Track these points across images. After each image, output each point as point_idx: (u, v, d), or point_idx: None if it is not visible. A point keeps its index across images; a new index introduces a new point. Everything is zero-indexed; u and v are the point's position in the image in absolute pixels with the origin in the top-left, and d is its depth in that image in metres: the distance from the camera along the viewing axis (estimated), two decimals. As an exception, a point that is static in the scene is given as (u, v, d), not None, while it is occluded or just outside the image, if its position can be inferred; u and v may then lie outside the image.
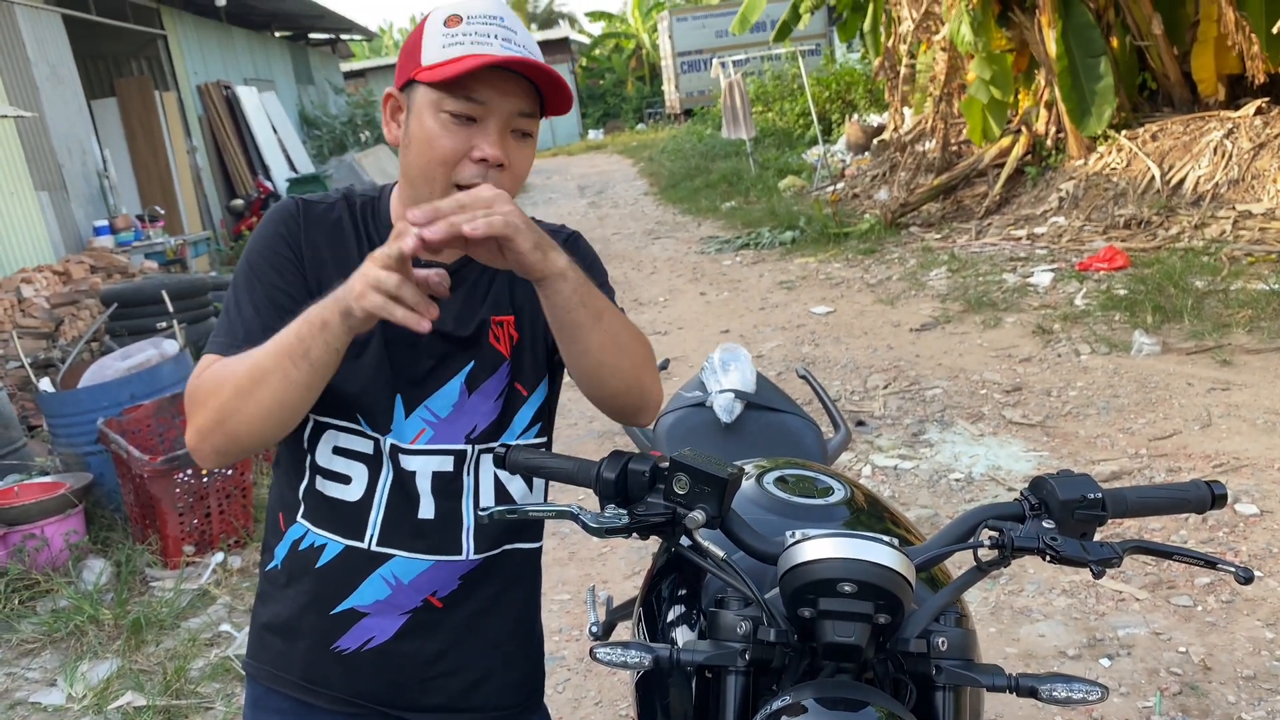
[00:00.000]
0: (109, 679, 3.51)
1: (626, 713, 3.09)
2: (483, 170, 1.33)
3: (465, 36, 1.31)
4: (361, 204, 1.47)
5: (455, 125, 1.32)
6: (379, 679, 1.49)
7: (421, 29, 1.35)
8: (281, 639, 1.51)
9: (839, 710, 1.13)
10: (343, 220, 1.45)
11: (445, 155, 1.32)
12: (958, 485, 4.35)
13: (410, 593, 1.45)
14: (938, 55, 10.39)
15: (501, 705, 1.57)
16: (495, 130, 1.33)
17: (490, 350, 1.46)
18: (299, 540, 1.47)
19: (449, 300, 1.37)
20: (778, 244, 10.28)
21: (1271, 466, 4.07)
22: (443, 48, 1.31)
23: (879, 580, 1.16)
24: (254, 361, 1.25)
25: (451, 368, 1.44)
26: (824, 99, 17.04)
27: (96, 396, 4.59)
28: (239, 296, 1.39)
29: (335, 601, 1.46)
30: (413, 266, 1.25)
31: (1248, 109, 8.22)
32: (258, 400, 1.25)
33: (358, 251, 1.42)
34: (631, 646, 1.25)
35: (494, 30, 1.32)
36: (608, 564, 4.02)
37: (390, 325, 1.29)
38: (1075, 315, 6.38)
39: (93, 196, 10.38)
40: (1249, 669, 2.93)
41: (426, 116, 1.33)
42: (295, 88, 18.98)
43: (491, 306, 1.47)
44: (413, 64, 1.35)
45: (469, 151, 1.32)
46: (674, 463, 1.26)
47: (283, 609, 1.50)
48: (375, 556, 1.44)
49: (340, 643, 1.47)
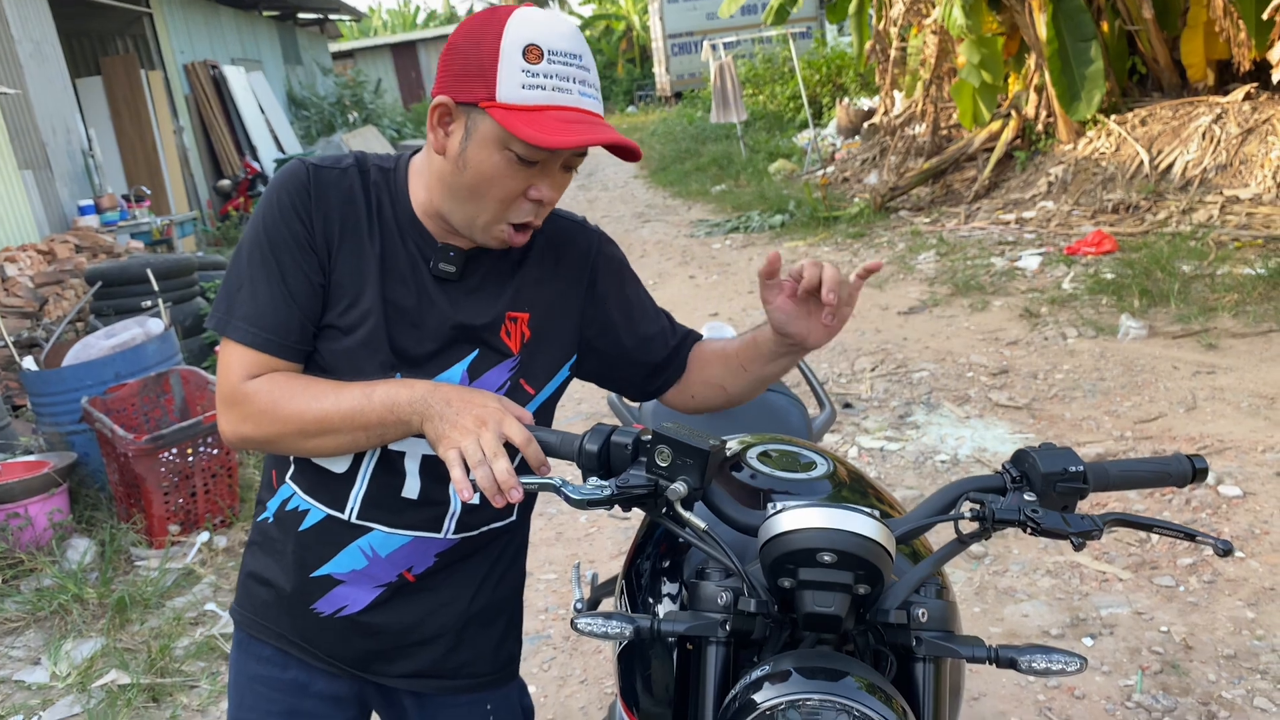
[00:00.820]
0: (93, 657, 3.50)
1: (611, 690, 3.10)
2: (535, 209, 1.36)
3: (546, 79, 1.26)
4: (375, 176, 1.43)
5: (520, 167, 1.30)
6: (352, 645, 1.52)
7: (496, 42, 1.26)
8: (265, 590, 1.53)
9: (819, 679, 1.13)
10: (354, 191, 1.41)
11: (505, 195, 1.33)
12: (944, 467, 4.36)
13: (386, 566, 1.47)
14: (928, 39, 10.36)
15: (476, 674, 1.59)
16: (554, 173, 1.34)
17: (499, 343, 1.45)
18: (287, 500, 1.49)
19: (464, 287, 1.43)
20: (767, 227, 10.27)
21: (1255, 449, 4.10)
22: (522, 87, 1.26)
23: (859, 550, 1.16)
24: (323, 415, 1.31)
25: (454, 354, 1.43)
26: (814, 82, 17.00)
27: (81, 375, 4.57)
28: (255, 275, 1.36)
29: (314, 566, 1.47)
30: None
31: (1236, 94, 8.23)
32: (316, 444, 1.35)
33: (368, 228, 1.40)
34: (613, 617, 1.25)
35: (573, 72, 1.28)
36: (594, 543, 4.02)
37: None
38: (1063, 299, 6.39)
39: (77, 175, 10.30)
40: (1230, 648, 2.95)
41: (491, 150, 1.30)
42: (283, 68, 18.84)
43: (510, 301, 1.46)
44: (482, 87, 1.27)
45: (527, 191, 1.33)
46: (656, 435, 1.25)
47: (268, 562, 1.52)
48: (355, 528, 1.45)
49: (317, 605, 1.50)
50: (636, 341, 1.57)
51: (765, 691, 1.14)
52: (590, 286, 1.54)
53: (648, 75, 32.90)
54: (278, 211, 1.37)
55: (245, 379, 1.36)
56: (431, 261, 1.41)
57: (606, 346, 1.56)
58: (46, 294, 7.09)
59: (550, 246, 1.51)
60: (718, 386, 1.58)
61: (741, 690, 1.17)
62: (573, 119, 1.26)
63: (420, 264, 1.41)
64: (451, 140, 1.32)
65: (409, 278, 1.40)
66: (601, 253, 1.55)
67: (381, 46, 30.30)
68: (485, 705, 1.62)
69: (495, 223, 1.35)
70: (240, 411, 1.36)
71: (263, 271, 1.35)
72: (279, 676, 1.55)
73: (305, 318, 1.37)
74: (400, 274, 1.40)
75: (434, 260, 1.41)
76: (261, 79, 16.27)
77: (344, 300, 1.38)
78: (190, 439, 4.24)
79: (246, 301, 1.36)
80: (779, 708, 1.12)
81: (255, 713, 1.56)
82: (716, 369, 1.57)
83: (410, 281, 1.40)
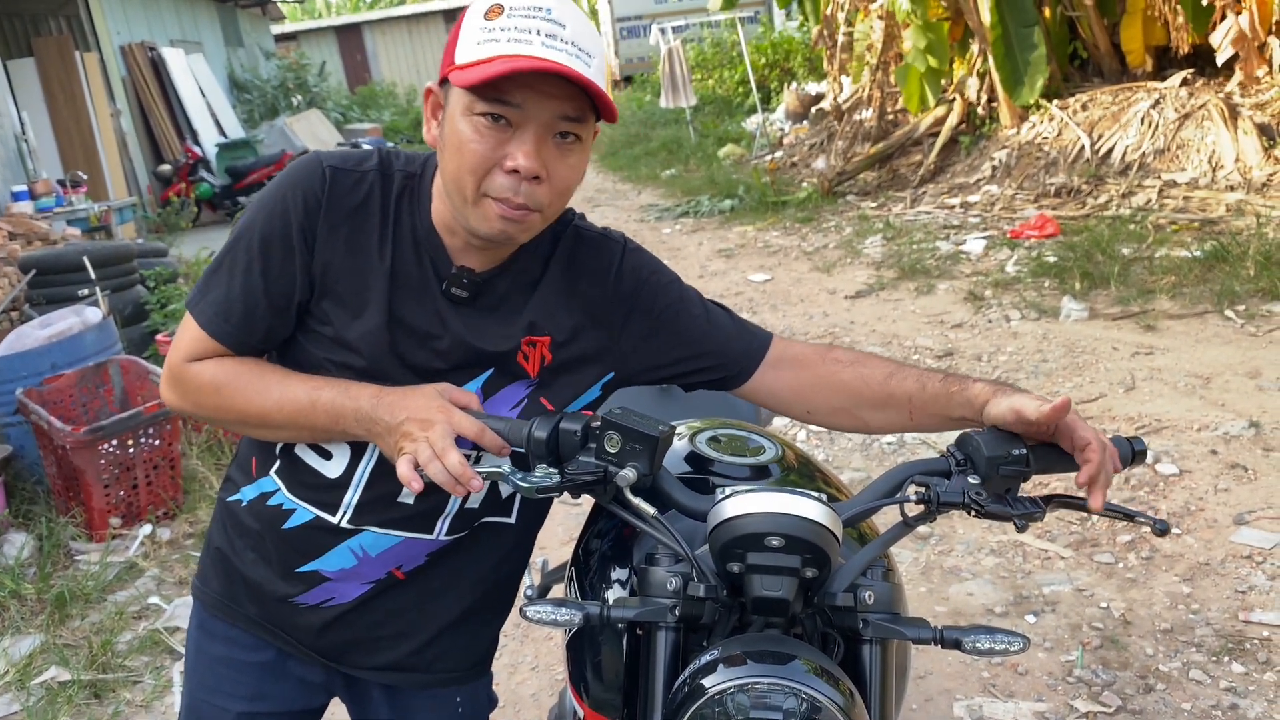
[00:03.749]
0: (32, 654, 3.42)
1: (562, 677, 3.10)
2: (515, 183, 1.22)
3: (503, 32, 1.18)
4: (400, 185, 1.35)
5: (489, 129, 1.20)
6: (329, 636, 1.49)
7: (462, 18, 1.24)
8: (237, 574, 1.49)
9: (767, 663, 1.14)
10: (372, 199, 1.33)
11: (475, 163, 1.22)
12: (890, 449, 4.41)
13: (376, 565, 1.43)
14: (875, 24, 10.44)
15: (451, 669, 1.56)
16: (532, 138, 1.21)
17: (516, 367, 1.38)
18: (269, 494, 1.44)
19: (479, 310, 1.36)
20: (717, 212, 10.30)
21: (1191, 428, 4.20)
22: (478, 44, 1.19)
23: (806, 534, 1.17)
24: (264, 412, 1.30)
25: (467, 374, 1.37)
26: (762, 67, 17.04)
27: (15, 366, 4.44)
28: (238, 264, 1.31)
29: (298, 563, 1.44)
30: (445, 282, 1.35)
31: (1174, 80, 8.40)
32: (256, 431, 1.36)
33: (379, 241, 1.32)
34: (563, 605, 1.24)
35: (537, 24, 1.18)
36: (545, 530, 3.99)
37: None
38: (1006, 282, 6.49)
39: (10, 160, 10.01)
40: (1166, 622, 3.03)
41: (459, 119, 1.22)
42: (224, 50, 18.45)
43: (527, 325, 1.38)
44: (448, 60, 1.23)
45: (501, 160, 1.21)
46: (605, 421, 1.25)
47: (242, 548, 1.48)
48: (345, 531, 1.41)
49: (300, 598, 1.46)
50: (683, 348, 1.45)
51: (714, 676, 1.14)
52: (616, 302, 1.42)
53: (596, 59, 32.69)
54: (280, 210, 1.30)
55: (193, 360, 1.34)
56: (444, 283, 1.34)
57: (647, 358, 1.45)
58: (-22, 282, 6.89)
59: (571, 263, 1.41)
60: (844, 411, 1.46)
61: (690, 675, 1.18)
62: (521, 63, 1.15)
63: (433, 282, 1.34)
64: (438, 130, 1.28)
65: (421, 296, 1.34)
66: (625, 264, 1.43)
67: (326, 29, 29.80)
68: (455, 699, 1.60)
69: (476, 201, 1.24)
70: (181, 389, 1.36)
71: (247, 264, 1.31)
72: (247, 659, 1.50)
73: (274, 323, 1.34)
74: (411, 291, 1.33)
75: (446, 282, 1.34)
76: (202, 61, 15.93)
77: (344, 314, 1.33)
78: (131, 430, 4.15)
79: (222, 286, 1.32)
80: (728, 692, 1.13)
81: (219, 695, 1.51)
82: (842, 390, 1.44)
83: (422, 300, 1.34)
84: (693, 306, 1.47)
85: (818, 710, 1.12)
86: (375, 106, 22.00)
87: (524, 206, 1.24)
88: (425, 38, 30.15)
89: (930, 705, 2.78)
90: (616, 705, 1.42)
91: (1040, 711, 2.72)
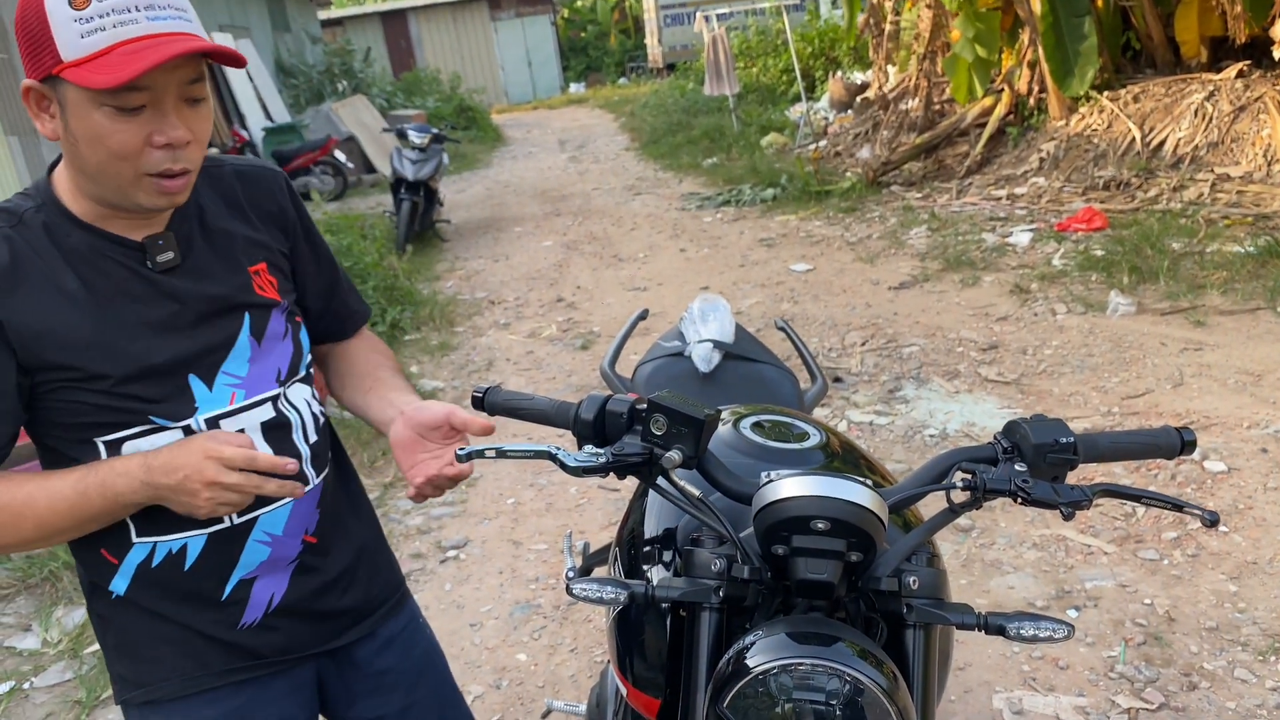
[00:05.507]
0: (84, 624, 3.51)
1: (601, 659, 3.13)
2: (170, 154, 1.25)
3: (103, 19, 1.16)
4: (28, 217, 1.30)
5: (124, 117, 1.21)
6: (293, 632, 1.49)
7: (39, 6, 1.18)
8: (173, 649, 1.43)
9: (811, 645, 1.15)
10: (24, 257, 1.28)
11: (123, 151, 1.22)
12: (932, 441, 4.39)
13: (287, 541, 1.44)
14: (922, 12, 10.32)
15: (395, 584, 1.67)
16: (170, 111, 1.23)
17: (260, 299, 1.43)
18: (147, 559, 1.38)
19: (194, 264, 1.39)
20: (759, 201, 10.25)
21: (1240, 425, 4.13)
22: (81, 37, 1.16)
23: (852, 518, 1.18)
24: (40, 523, 1.26)
25: (228, 331, 1.39)
26: (807, 56, 16.91)
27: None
28: None
29: (220, 586, 1.41)
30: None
31: (1229, 72, 8.23)
32: (48, 543, 1.32)
33: (49, 274, 1.28)
34: (608, 583, 1.26)
35: (133, 1, 1.18)
36: (584, 514, 4.04)
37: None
38: (1053, 275, 6.41)
39: (64, 142, 10.21)
40: (1212, 620, 2.99)
41: (88, 113, 1.20)
42: (271, 36, 18.64)
43: (246, 257, 1.44)
44: (49, 55, 1.18)
45: (149, 139, 1.23)
46: (651, 404, 1.26)
47: (159, 625, 1.42)
48: (241, 527, 1.40)
49: (243, 620, 1.44)
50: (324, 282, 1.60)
51: (758, 657, 1.15)
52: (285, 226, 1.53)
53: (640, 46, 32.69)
54: None
55: None
56: (148, 260, 1.33)
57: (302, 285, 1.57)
58: (34, 262, 7.04)
59: (242, 193, 1.48)
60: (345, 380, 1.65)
61: (734, 655, 1.19)
62: (142, 47, 1.17)
63: (138, 267, 1.33)
64: (55, 122, 1.24)
65: (136, 289, 1.33)
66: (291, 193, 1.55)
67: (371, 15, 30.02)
68: (414, 613, 1.70)
69: (136, 182, 1.25)
70: None
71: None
72: (237, 706, 1.46)
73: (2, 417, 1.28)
74: (124, 291, 1.32)
75: (148, 258, 1.33)
76: (249, 46, 16.11)
77: (86, 346, 1.29)
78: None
79: None
80: (771, 672, 1.14)
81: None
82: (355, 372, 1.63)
83: (139, 291, 1.33)
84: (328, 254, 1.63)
85: (860, 692, 1.12)
86: (419, 93, 22.10)
87: (184, 171, 1.28)
88: (470, 24, 30.26)
89: (969, 697, 2.77)
90: (659, 684, 1.44)
91: (1081, 706, 2.70)
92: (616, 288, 7.65)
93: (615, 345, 2.53)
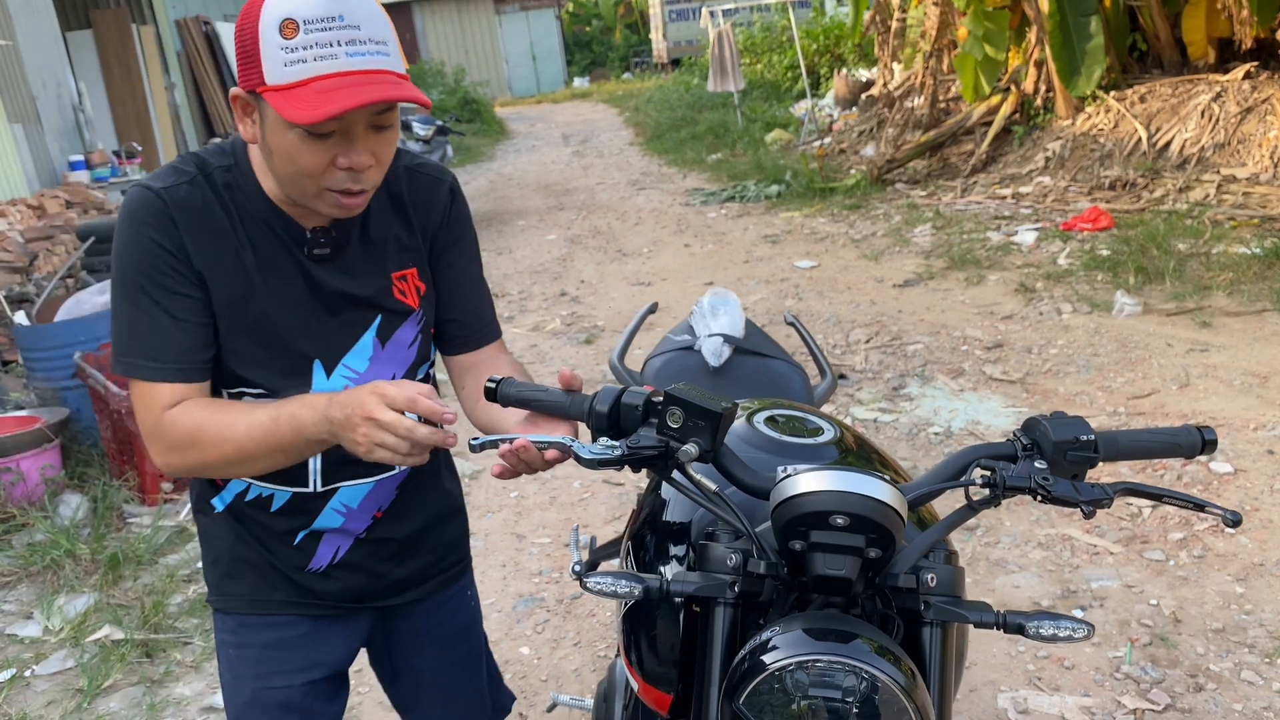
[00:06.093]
0: (86, 612, 3.50)
1: (604, 654, 3.12)
2: (351, 176, 1.33)
3: (306, 50, 1.23)
4: (222, 178, 1.41)
5: (314, 141, 1.29)
6: (352, 584, 1.61)
7: (255, 24, 1.25)
8: (251, 571, 1.58)
9: (829, 641, 1.13)
10: (210, 202, 1.40)
11: (308, 170, 1.31)
12: (937, 439, 4.38)
13: (360, 515, 1.56)
14: (929, 10, 10.28)
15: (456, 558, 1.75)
16: (357, 139, 1.31)
17: (397, 304, 1.51)
18: (243, 492, 1.53)
19: (345, 260, 1.47)
20: (763, 197, 10.23)
21: (1246, 426, 4.12)
22: (284, 65, 1.24)
23: (872, 514, 1.16)
24: (239, 446, 1.34)
25: (358, 326, 1.49)
26: (812, 52, 16.87)
27: (74, 330, 4.53)
28: (139, 314, 1.37)
29: (294, 534, 1.55)
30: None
31: (1236, 73, 8.21)
32: (242, 469, 1.41)
33: (234, 233, 1.40)
34: (622, 577, 1.25)
35: (334, 35, 1.24)
36: (588, 508, 4.03)
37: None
38: (1058, 274, 6.40)
39: (68, 131, 10.18)
40: (1218, 622, 2.98)
41: (282, 133, 1.29)
42: (276, 26, 18.60)
43: (394, 262, 1.51)
44: (255, 73, 1.27)
45: (334, 160, 1.31)
46: (668, 396, 1.25)
47: (242, 548, 1.57)
48: (323, 495, 1.53)
49: (310, 565, 1.57)
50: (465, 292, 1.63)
51: (775, 653, 1.14)
52: (439, 233, 1.57)
53: (645, 42, 32.61)
54: (144, 245, 1.36)
55: (161, 413, 1.38)
56: (305, 248, 1.44)
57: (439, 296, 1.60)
58: (36, 249, 7.02)
59: (408, 193, 1.53)
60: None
61: (750, 652, 1.17)
62: (336, 85, 1.23)
63: (295, 251, 1.44)
64: (255, 129, 1.34)
65: (290, 268, 1.43)
66: (455, 208, 1.59)
67: (377, 6, 30.02)
68: (467, 592, 1.79)
69: (318, 195, 1.34)
70: (163, 444, 1.39)
71: (147, 308, 1.37)
72: (293, 635, 1.61)
73: (199, 336, 1.40)
74: (280, 267, 1.43)
75: (307, 246, 1.44)
76: (254, 36, 16.06)
77: (234, 307, 1.41)
78: (184, 397, 4.22)
79: (140, 340, 1.37)
80: (787, 669, 1.13)
81: (277, 676, 1.60)
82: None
83: (292, 271, 1.44)
84: (479, 267, 1.67)
85: (877, 689, 1.11)
86: (424, 85, 22.05)
87: (362, 190, 1.36)
88: (474, 17, 30.21)
89: (974, 696, 2.76)
90: (671, 679, 1.42)
91: (1086, 706, 2.69)
92: (621, 282, 7.64)
93: (624, 339, 2.52)
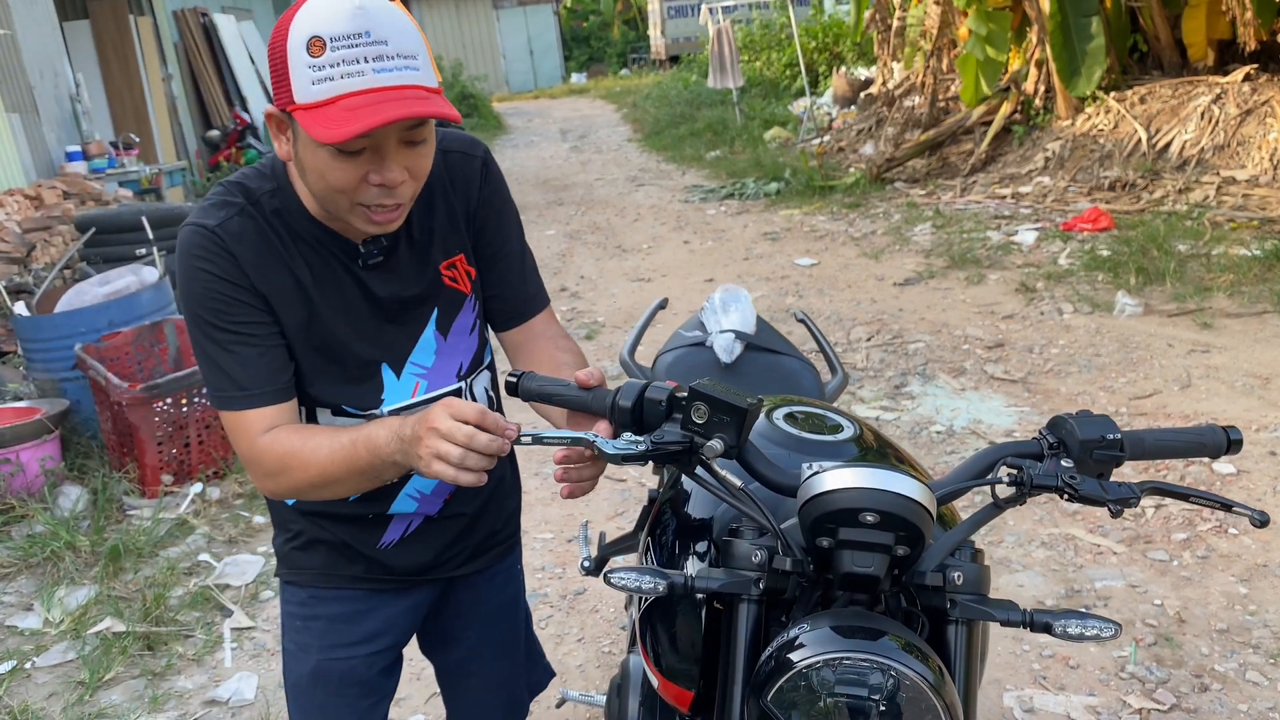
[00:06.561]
0: (86, 605, 3.48)
1: (609, 649, 3.11)
2: (385, 191, 1.33)
3: (334, 69, 1.23)
4: (269, 204, 1.43)
5: (345, 158, 1.29)
6: (421, 557, 1.66)
7: (284, 43, 1.25)
8: (324, 549, 1.63)
9: (857, 639, 1.13)
10: (263, 230, 1.41)
11: (340, 187, 1.32)
12: (938, 438, 4.37)
13: (433, 499, 1.62)
14: (930, 9, 10.28)
15: (510, 532, 1.83)
16: (389, 155, 1.30)
17: (450, 292, 1.54)
18: None
19: (397, 262, 1.49)
20: (762, 195, 10.23)
21: (1249, 428, 4.13)
22: (312, 84, 1.24)
23: (901, 511, 1.16)
24: (322, 470, 1.36)
25: (418, 323, 1.52)
26: (811, 50, 16.87)
27: (74, 321, 4.51)
28: (219, 351, 1.39)
29: (368, 514, 1.60)
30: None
31: (1236, 75, 8.22)
32: (328, 491, 1.42)
33: (289, 257, 1.42)
34: (646, 572, 1.24)
35: (361, 52, 1.23)
36: (591, 504, 4.02)
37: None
38: (1059, 274, 6.40)
39: (65, 121, 10.13)
40: (1222, 622, 2.98)
41: (314, 150, 1.29)
42: (274, 17, 18.54)
43: (440, 253, 1.53)
44: (284, 92, 1.27)
45: (365, 176, 1.31)
46: (693, 392, 1.24)
47: (315, 529, 1.62)
48: (399, 482, 1.56)
49: (383, 541, 1.63)
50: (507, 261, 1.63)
51: (803, 650, 1.13)
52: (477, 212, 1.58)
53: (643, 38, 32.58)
54: (207, 284, 1.38)
55: (254, 439, 1.41)
56: (360, 260, 1.46)
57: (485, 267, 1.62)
58: (34, 240, 6.98)
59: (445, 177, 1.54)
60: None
61: (776, 649, 1.17)
62: (363, 102, 1.22)
63: (350, 264, 1.46)
64: (289, 147, 1.35)
65: (345, 281, 1.46)
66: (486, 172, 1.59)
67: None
68: (516, 566, 1.88)
69: (351, 210, 1.35)
70: (260, 471, 1.43)
71: (225, 342, 1.39)
72: (361, 608, 1.67)
73: (278, 357, 1.43)
74: (336, 282, 1.46)
75: (361, 259, 1.46)
76: (252, 28, 16.02)
77: (300, 330, 1.45)
78: (185, 389, 4.20)
79: (225, 374, 1.40)
80: (815, 667, 1.12)
81: (342, 648, 1.66)
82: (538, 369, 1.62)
83: (347, 283, 1.46)
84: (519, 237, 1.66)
85: (902, 687, 1.11)
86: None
87: (398, 205, 1.36)
88: (472, 12, 30.15)
89: (980, 695, 2.75)
90: (692, 675, 1.42)
91: (1092, 706, 2.69)
92: (621, 278, 7.63)
93: (635, 334, 2.52)
